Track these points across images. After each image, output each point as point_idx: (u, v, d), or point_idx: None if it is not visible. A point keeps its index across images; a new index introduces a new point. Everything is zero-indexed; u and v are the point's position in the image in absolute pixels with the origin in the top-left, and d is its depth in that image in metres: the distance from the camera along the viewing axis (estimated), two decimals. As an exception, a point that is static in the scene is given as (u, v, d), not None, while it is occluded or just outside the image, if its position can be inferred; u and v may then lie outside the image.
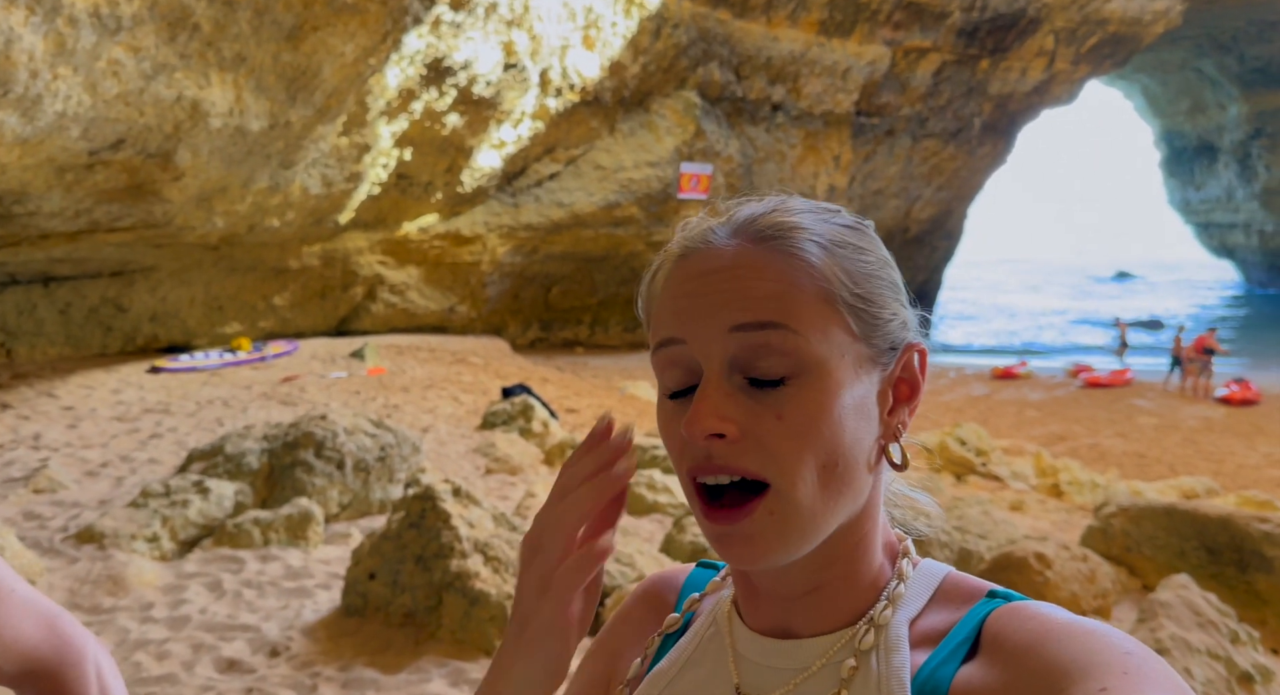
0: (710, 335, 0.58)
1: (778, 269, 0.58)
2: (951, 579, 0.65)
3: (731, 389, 0.58)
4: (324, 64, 10.19)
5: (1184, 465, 10.75)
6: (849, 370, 0.59)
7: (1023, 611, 0.57)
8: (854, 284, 0.60)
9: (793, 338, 0.57)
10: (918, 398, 0.64)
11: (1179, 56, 34.06)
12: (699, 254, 0.61)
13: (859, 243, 0.62)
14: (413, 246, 17.10)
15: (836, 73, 20.33)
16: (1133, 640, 0.53)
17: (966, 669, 0.57)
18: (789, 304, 0.57)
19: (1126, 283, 53.32)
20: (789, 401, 0.57)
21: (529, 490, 6.36)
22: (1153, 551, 5.09)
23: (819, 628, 0.64)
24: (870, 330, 0.60)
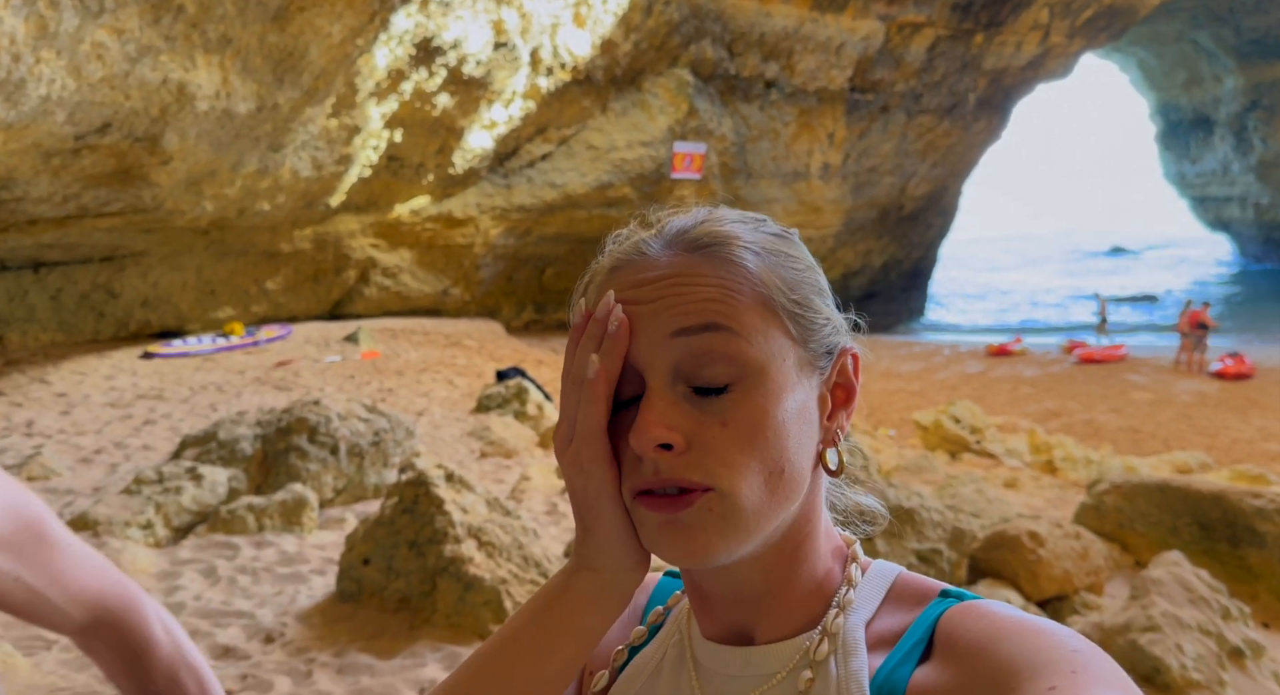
0: (651, 342, 0.58)
1: (716, 275, 0.58)
2: (903, 579, 0.65)
3: (675, 398, 0.57)
4: (311, 45, 10.06)
5: (1178, 440, 10.80)
6: (790, 374, 0.59)
7: (974, 611, 0.58)
8: (789, 289, 0.60)
9: (735, 340, 0.57)
10: (854, 402, 0.65)
11: (1175, 28, 33.83)
12: (634, 264, 0.61)
13: (789, 250, 0.63)
14: (405, 229, 17.00)
15: (830, 49, 20.15)
16: (1081, 638, 0.54)
17: (922, 670, 0.57)
18: (729, 307, 0.57)
19: (1121, 258, 53.33)
20: (733, 408, 0.57)
21: (524, 473, 6.36)
22: (1145, 528, 5.12)
23: (773, 634, 0.64)
24: (808, 334, 0.61)
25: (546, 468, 6.63)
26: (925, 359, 18.27)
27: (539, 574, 3.92)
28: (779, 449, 0.58)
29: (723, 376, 0.57)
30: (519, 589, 3.81)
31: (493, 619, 3.71)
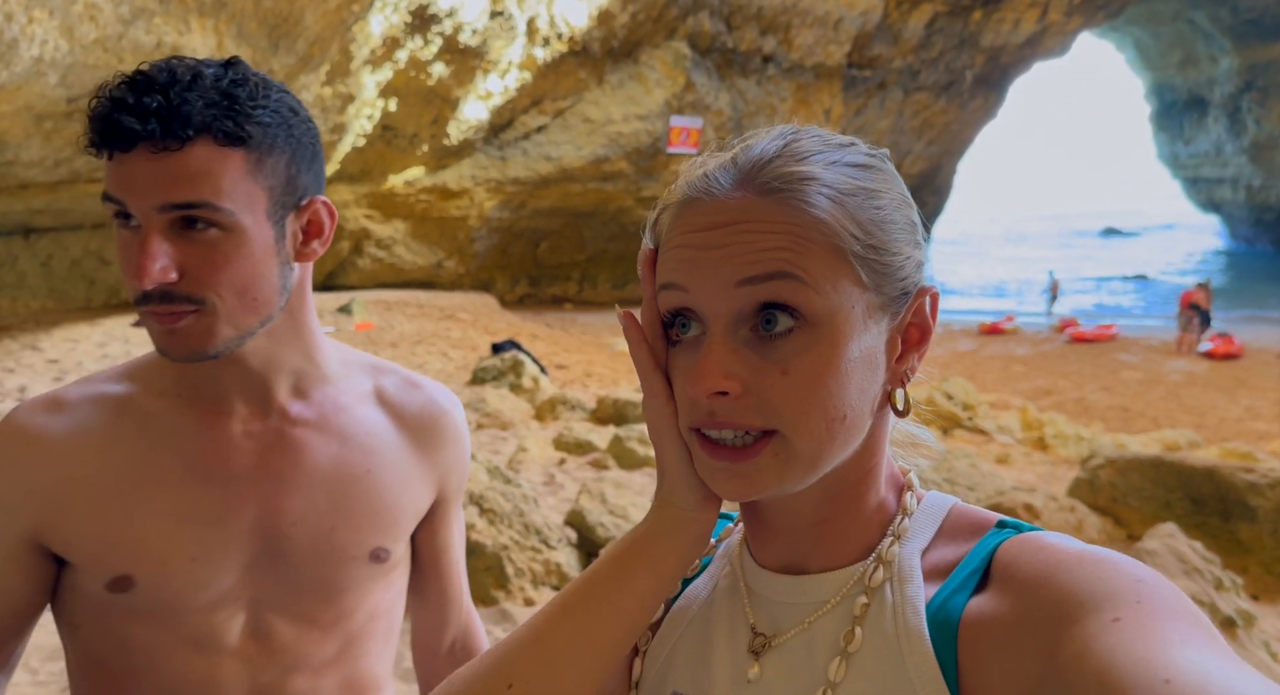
0: (715, 290, 0.57)
1: (785, 222, 0.56)
2: (958, 510, 0.65)
3: (736, 343, 0.57)
4: (306, 10, 9.92)
5: (1167, 418, 10.90)
6: (858, 321, 0.58)
7: (1033, 542, 0.57)
8: (865, 234, 0.58)
9: (802, 289, 0.56)
10: (927, 342, 0.63)
11: (1172, 8, 33.70)
12: (702, 204, 0.59)
13: (872, 185, 0.60)
14: (399, 200, 16.88)
15: (828, 23, 19.99)
16: (1144, 567, 0.52)
17: (977, 599, 0.57)
18: (797, 255, 0.56)
19: (1114, 239, 53.47)
20: (794, 356, 0.56)
21: (520, 444, 6.38)
22: (1139, 502, 5.18)
23: (828, 563, 0.64)
24: (881, 280, 0.59)
25: (543, 439, 6.65)
26: (918, 337, 18.33)
27: (539, 541, 3.94)
28: (840, 397, 0.57)
29: (786, 323, 0.56)
30: (520, 555, 3.84)
31: (494, 584, 3.74)
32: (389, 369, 1.10)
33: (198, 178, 0.83)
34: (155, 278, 0.83)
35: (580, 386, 10.25)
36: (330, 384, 1.02)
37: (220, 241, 0.86)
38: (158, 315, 0.86)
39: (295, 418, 0.99)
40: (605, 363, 12.40)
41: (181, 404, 0.96)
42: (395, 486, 1.03)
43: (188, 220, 0.85)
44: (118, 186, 0.84)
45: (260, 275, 0.89)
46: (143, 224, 0.84)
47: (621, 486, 5.22)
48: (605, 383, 10.65)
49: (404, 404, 1.07)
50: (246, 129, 0.86)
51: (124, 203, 0.84)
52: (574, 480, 5.63)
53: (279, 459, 0.97)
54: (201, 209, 0.84)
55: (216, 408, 0.96)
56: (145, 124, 0.81)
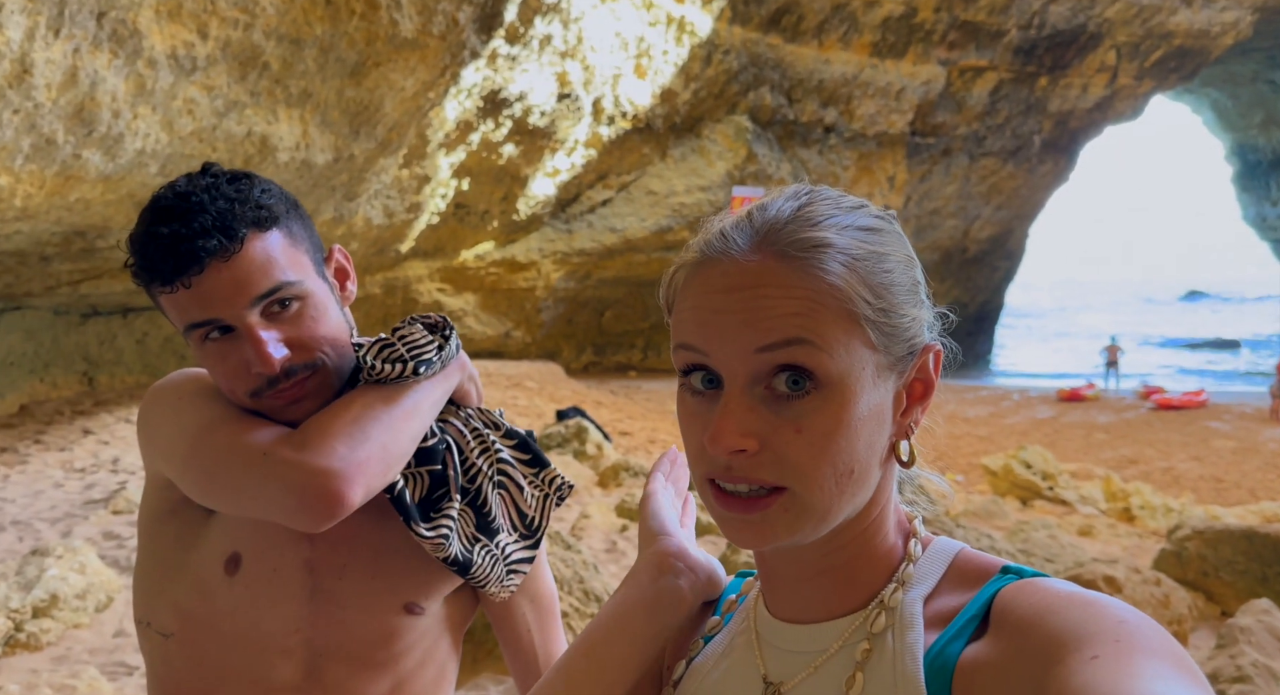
0: (734, 354, 0.59)
1: (801, 288, 0.58)
2: (964, 556, 0.66)
3: (753, 402, 0.59)
4: (385, 98, 10.54)
5: (1265, 490, 10.26)
6: (868, 381, 0.60)
7: (1028, 587, 0.59)
8: (875, 298, 0.60)
9: (817, 354, 0.58)
10: (930, 397, 0.65)
11: (1250, 69, 32.98)
12: (720, 265, 0.61)
13: (881, 249, 0.62)
14: (470, 273, 17.44)
15: (890, 93, 20.20)
16: (1132, 610, 0.54)
17: (975, 646, 0.58)
18: (812, 321, 0.58)
19: (1197, 302, 51.38)
20: (808, 415, 0.58)
21: (583, 511, 6.39)
22: (1231, 577, 4.87)
23: (835, 610, 0.66)
24: (889, 341, 0.61)
25: (606, 506, 6.65)
26: (993, 404, 17.80)
27: (597, 607, 3.92)
28: (849, 453, 0.59)
29: (801, 385, 0.58)
30: (579, 622, 3.82)
31: (553, 652, 3.72)
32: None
33: (266, 266, 0.95)
34: (279, 361, 0.94)
35: (644, 453, 10.24)
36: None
37: (304, 309, 0.97)
38: (283, 392, 0.96)
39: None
40: (669, 429, 12.37)
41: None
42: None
43: (275, 303, 0.95)
44: (204, 307, 0.93)
45: (339, 324, 1.01)
46: (241, 325, 0.94)
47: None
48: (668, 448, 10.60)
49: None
50: (271, 211, 0.98)
51: (217, 318, 0.94)
52: (635, 546, 5.59)
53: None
54: (281, 289, 0.95)
55: None
56: (208, 240, 0.91)
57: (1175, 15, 21.54)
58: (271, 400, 0.96)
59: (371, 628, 1.03)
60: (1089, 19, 20.94)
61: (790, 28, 18.64)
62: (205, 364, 0.97)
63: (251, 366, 0.94)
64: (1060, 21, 20.73)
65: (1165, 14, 21.42)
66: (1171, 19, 21.56)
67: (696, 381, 0.62)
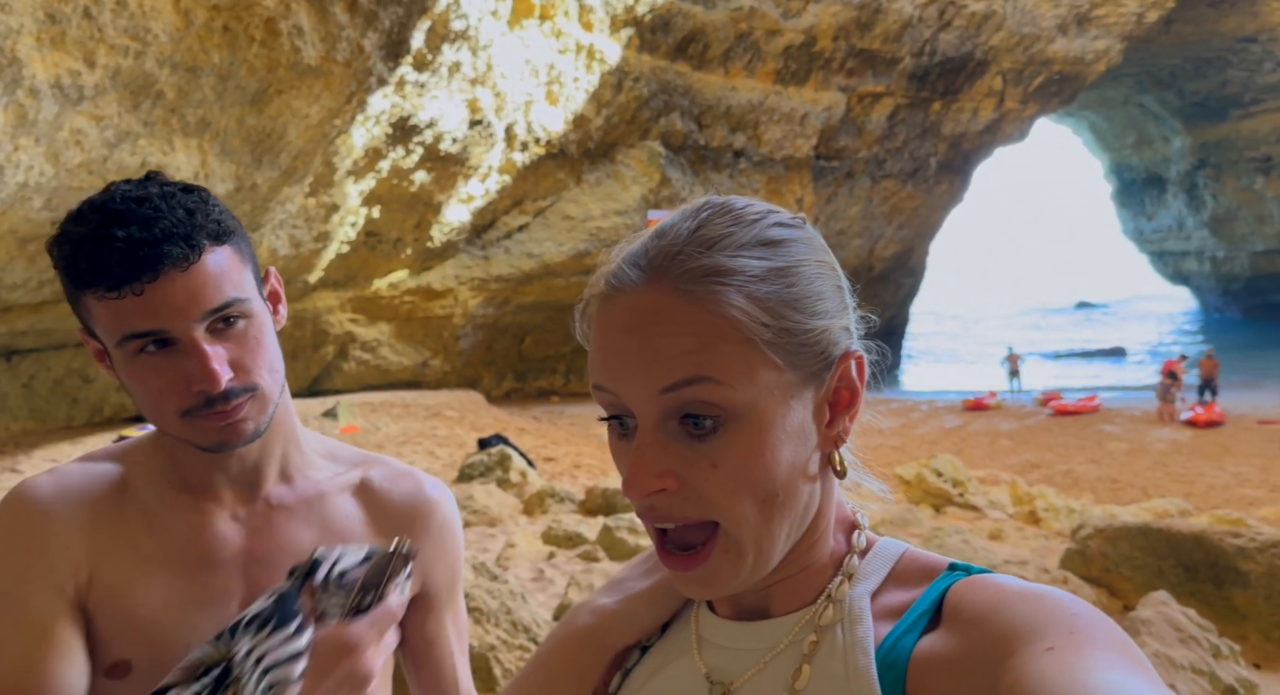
0: (640, 395, 0.59)
1: (696, 322, 0.58)
2: (910, 555, 0.67)
3: (667, 439, 0.59)
4: (289, 126, 10.29)
5: (1156, 488, 10.88)
6: (780, 404, 0.59)
7: (979, 583, 0.60)
8: (775, 319, 0.59)
9: (718, 389, 0.57)
10: (858, 403, 0.64)
11: (1122, 93, 35.39)
12: (619, 301, 0.61)
13: (785, 263, 0.61)
14: (383, 303, 17.08)
15: (794, 119, 20.87)
16: (1081, 602, 0.55)
17: (927, 639, 0.59)
18: (709, 356, 0.57)
19: (1087, 312, 54.43)
20: (722, 449, 0.58)
21: (509, 540, 6.29)
22: (1131, 571, 5.14)
23: (784, 607, 0.66)
24: (797, 357, 0.60)
25: (531, 534, 6.56)
26: (903, 415, 18.39)
27: (528, 639, 3.86)
28: (769, 480, 0.59)
29: (710, 420, 0.58)
30: (508, 655, 3.75)
31: (481, 687, 3.63)
32: (380, 461, 1.12)
33: (220, 280, 0.90)
34: (225, 380, 0.89)
35: (569, 478, 10.18)
36: (313, 471, 1.06)
37: (249, 328, 0.93)
38: (219, 414, 0.91)
39: (278, 503, 1.02)
40: (594, 453, 12.34)
41: (173, 489, 0.99)
42: None
43: (222, 320, 0.91)
44: (150, 317, 0.87)
45: (276, 350, 0.97)
46: (187, 339, 0.88)
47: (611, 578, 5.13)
48: (594, 473, 10.57)
49: (389, 494, 1.08)
50: (227, 225, 0.93)
51: (162, 329, 0.88)
52: (563, 574, 5.54)
53: (264, 543, 0.99)
54: (232, 306, 0.91)
55: (206, 493, 0.99)
56: (171, 247, 0.86)
57: (1053, 43, 22.99)
58: (205, 421, 0.91)
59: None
60: (975, 47, 22.15)
61: (696, 56, 19.08)
62: (133, 379, 0.91)
63: (193, 383, 0.89)
64: (950, 49, 21.86)
65: (1044, 42, 22.84)
66: (1050, 47, 23.00)
67: (617, 423, 0.62)
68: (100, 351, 0.94)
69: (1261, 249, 34.92)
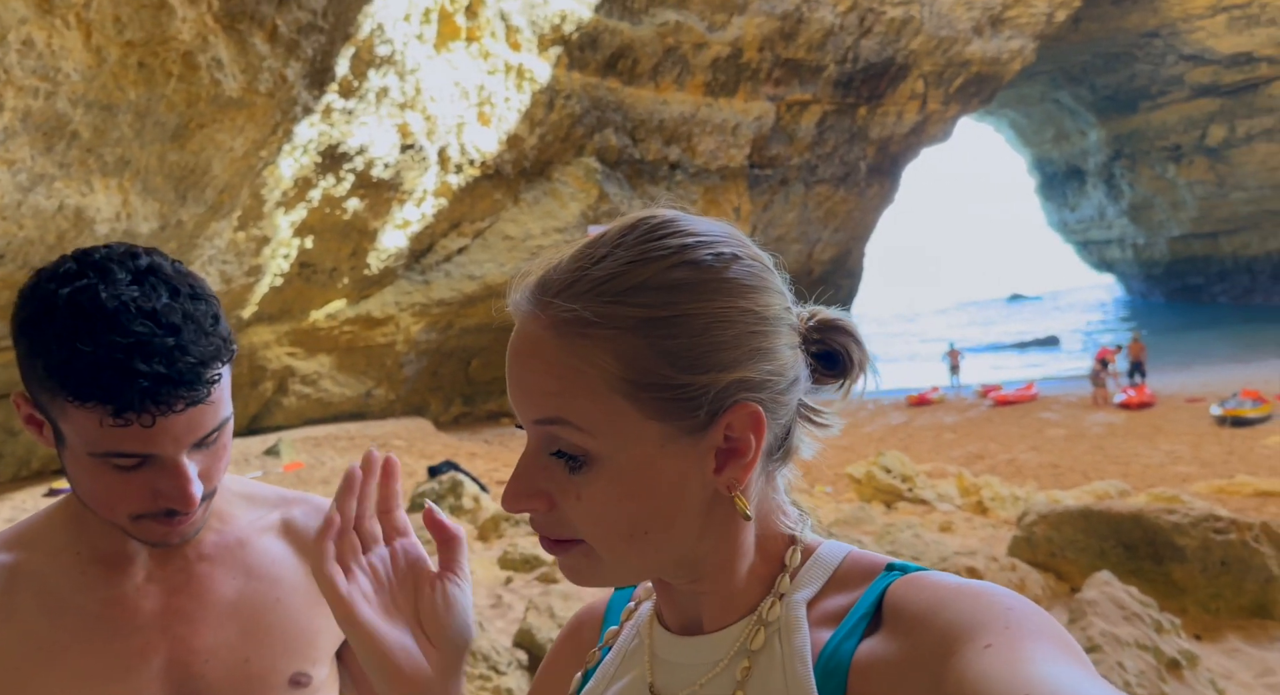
0: (524, 418, 0.61)
1: (563, 364, 0.58)
2: (851, 558, 0.66)
3: (547, 461, 0.60)
4: (213, 160, 10.06)
5: (1095, 471, 11.23)
6: (647, 452, 0.58)
7: (917, 582, 0.60)
8: (642, 375, 0.57)
9: (575, 434, 0.58)
10: (746, 456, 0.60)
11: (1038, 90, 36.72)
12: (517, 321, 0.63)
13: (670, 313, 0.58)
14: (322, 334, 16.75)
15: (727, 130, 21.16)
16: (1017, 597, 0.56)
17: (869, 642, 0.59)
18: (569, 401, 0.58)
19: (1020, 304, 56.09)
20: (586, 486, 0.59)
21: (464, 569, 6.19)
22: (1075, 554, 5.29)
23: (720, 621, 0.65)
24: (671, 408, 0.58)
25: (488, 560, 6.48)
26: (849, 414, 18.45)
27: (488, 668, 3.81)
28: (634, 520, 0.59)
29: (575, 458, 0.59)
30: (468, 686, 3.69)
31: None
32: (301, 499, 1.11)
33: (218, 405, 0.88)
34: (198, 500, 0.87)
35: (522, 503, 10.08)
36: (232, 519, 1.03)
37: (221, 438, 0.92)
38: (174, 521, 0.89)
39: (199, 555, 0.99)
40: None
41: (81, 562, 0.95)
42: (308, 610, 1.02)
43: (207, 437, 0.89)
44: (144, 443, 0.84)
45: (230, 448, 0.96)
46: (172, 463, 0.86)
47: (570, 598, 5.11)
48: (547, 496, 10.49)
49: (311, 530, 1.07)
50: (232, 339, 0.91)
51: (155, 454, 0.85)
52: (522, 598, 5.47)
53: (185, 599, 0.97)
54: (222, 426, 0.90)
55: (117, 560, 0.96)
56: (192, 391, 0.83)
57: (970, 45, 23.78)
58: (158, 525, 0.89)
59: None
60: (896, 52, 22.78)
61: (626, 71, 19.24)
62: (90, 481, 0.86)
63: (162, 499, 0.86)
64: (871, 55, 22.44)
65: (961, 44, 23.61)
66: (967, 48, 23.77)
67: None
68: (40, 423, 0.88)
69: (1178, 234, 36.49)
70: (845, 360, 0.69)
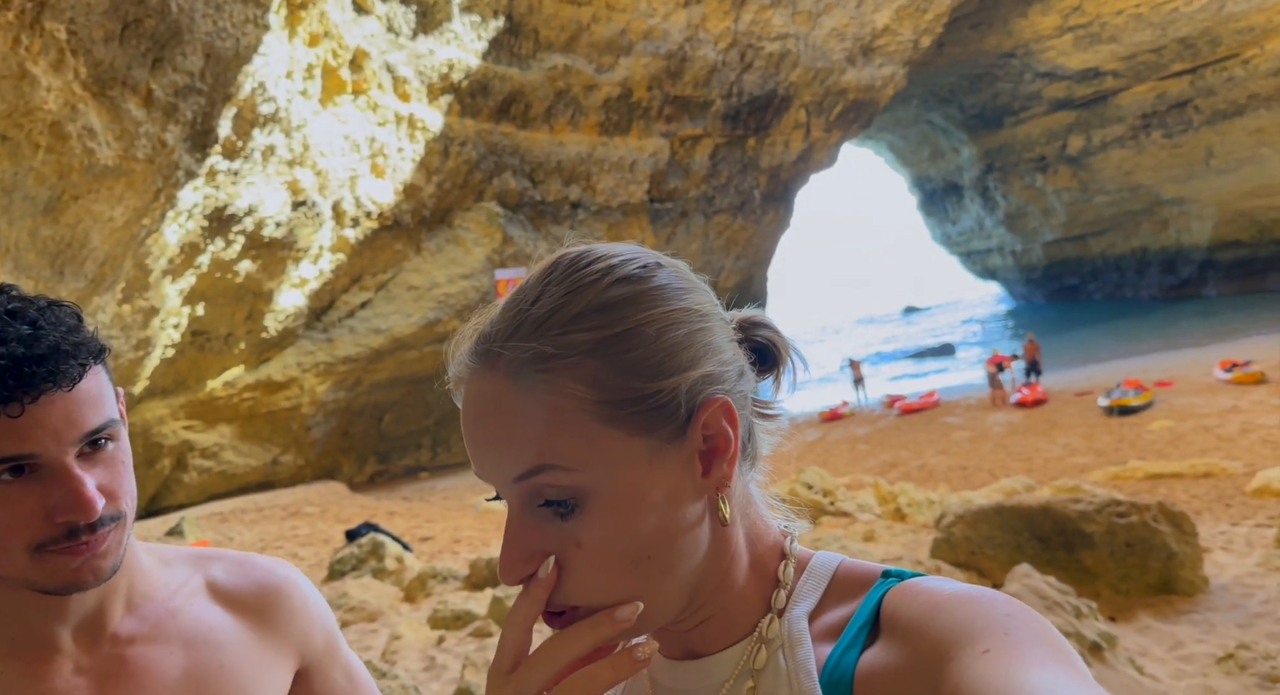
0: (500, 484, 0.60)
1: (534, 408, 0.58)
2: (845, 567, 0.66)
3: (536, 521, 0.59)
4: (91, 232, 9.59)
5: (1001, 468, 11.73)
6: (638, 471, 0.59)
7: (912, 589, 0.60)
8: (613, 393, 0.58)
9: (564, 475, 0.57)
10: (731, 447, 0.61)
11: (911, 113, 38.77)
12: (467, 388, 0.61)
13: (622, 327, 0.59)
14: (220, 404, 16.03)
15: (624, 167, 21.52)
16: (1014, 603, 0.56)
17: (870, 653, 0.59)
18: (549, 443, 0.57)
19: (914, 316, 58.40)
20: (584, 530, 0.58)
21: (393, 632, 5.98)
22: (993, 550, 5.50)
23: (721, 642, 0.65)
24: (649, 420, 0.59)
25: (417, 621, 6.27)
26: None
27: (429, 734, 3.67)
28: (637, 548, 0.59)
29: (568, 503, 0.58)
30: (410, 755, 3.55)
31: (387, 796, 3.42)
32: (214, 555, 1.06)
33: (98, 400, 0.84)
34: (100, 508, 0.81)
35: (450, 555, 9.82)
36: (153, 590, 0.98)
37: (116, 452, 0.86)
38: (83, 546, 0.82)
39: (129, 637, 0.93)
40: (472, 525, 11.98)
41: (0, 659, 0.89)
42: (253, 673, 0.98)
43: (92, 443, 0.84)
44: (20, 441, 0.79)
45: (132, 473, 0.90)
46: (58, 465, 0.81)
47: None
48: (475, 546, 10.25)
49: (238, 587, 1.03)
50: (101, 343, 0.88)
51: (34, 454, 0.80)
52: (456, 657, 5.31)
53: (120, 687, 0.91)
54: (107, 428, 0.84)
55: (39, 654, 0.89)
56: (57, 365, 0.80)
57: (845, 74, 24.97)
58: (61, 558, 0.82)
59: None
60: (777, 84, 23.72)
61: (520, 115, 19.37)
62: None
63: (57, 514, 0.80)
64: (754, 88, 23.30)
65: (837, 74, 24.77)
66: (842, 77, 24.95)
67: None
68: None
69: (1052, 238, 38.93)
70: (774, 352, 0.70)
